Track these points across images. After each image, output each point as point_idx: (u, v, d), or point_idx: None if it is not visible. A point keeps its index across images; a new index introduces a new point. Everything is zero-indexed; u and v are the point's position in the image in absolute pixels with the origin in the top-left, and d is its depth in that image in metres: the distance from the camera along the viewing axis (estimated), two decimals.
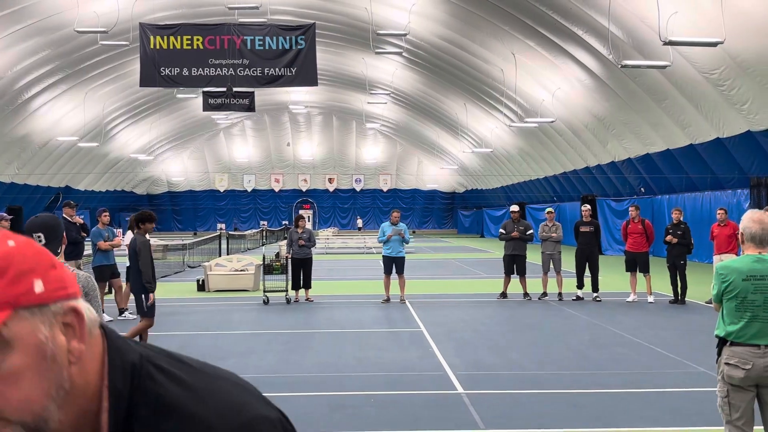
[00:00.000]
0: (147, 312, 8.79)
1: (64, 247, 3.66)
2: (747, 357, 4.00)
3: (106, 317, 12.77)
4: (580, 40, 23.43)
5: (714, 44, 15.94)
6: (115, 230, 13.70)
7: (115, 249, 12.78)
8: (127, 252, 9.22)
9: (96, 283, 3.62)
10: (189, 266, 24.69)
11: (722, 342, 4.14)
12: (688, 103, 21.87)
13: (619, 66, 19.65)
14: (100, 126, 40.12)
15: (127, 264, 13.11)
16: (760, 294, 4.00)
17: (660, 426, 6.14)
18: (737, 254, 13.49)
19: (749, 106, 19.31)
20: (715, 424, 5.87)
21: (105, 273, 12.63)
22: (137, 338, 8.50)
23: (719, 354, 4.16)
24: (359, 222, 62.94)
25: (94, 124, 39.83)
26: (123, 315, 12.74)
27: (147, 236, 9.05)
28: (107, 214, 12.84)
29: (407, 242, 14.91)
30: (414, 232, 58.48)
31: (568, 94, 28.62)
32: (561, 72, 27.37)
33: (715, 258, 13.89)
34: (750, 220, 4.15)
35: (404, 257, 14.84)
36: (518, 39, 26.38)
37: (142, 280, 8.70)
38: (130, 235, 13.41)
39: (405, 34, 23.55)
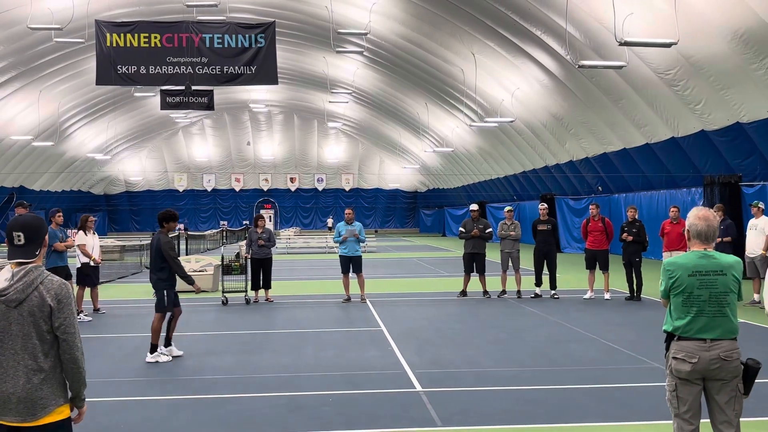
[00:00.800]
0: (166, 307, 9.09)
1: (44, 249, 3.55)
2: (693, 351, 4.08)
3: (85, 318, 12.55)
4: (539, 41, 23.68)
5: (668, 45, 16.24)
6: (68, 231, 13.41)
7: (68, 250, 12.51)
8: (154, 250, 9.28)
9: (71, 290, 3.52)
10: (146, 267, 24.33)
11: (670, 337, 4.22)
12: (644, 103, 22.25)
13: (577, 66, 19.92)
14: (56, 125, 39.36)
15: (78, 265, 13.02)
16: (706, 289, 4.08)
17: (615, 421, 6.23)
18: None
19: (702, 106, 19.73)
20: (667, 418, 5.98)
21: (60, 275, 12.37)
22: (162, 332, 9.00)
23: (667, 349, 4.23)
24: (329, 222, 62.50)
25: (49, 123, 39.05)
26: (79, 317, 12.50)
27: (169, 235, 9.37)
28: (61, 214, 12.58)
29: (363, 241, 14.91)
30: (376, 231, 58.58)
31: (527, 94, 28.91)
32: (520, 72, 27.64)
33: (665, 255, 14.18)
34: (696, 217, 4.23)
35: (361, 256, 14.83)
36: (478, 39, 26.57)
37: (165, 276, 9.06)
38: (81, 235, 13.19)
39: (366, 33, 23.53)
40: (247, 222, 61.44)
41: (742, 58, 16.76)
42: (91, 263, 13.03)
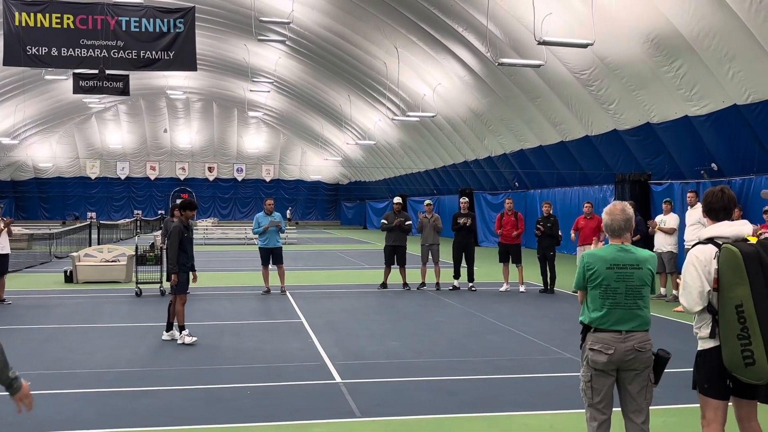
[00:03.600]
0: (185, 289, 9.47)
1: None
2: (610, 342, 4.23)
3: None
4: (460, 37, 24.00)
5: (584, 45, 16.73)
6: None
7: None
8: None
9: None
10: (56, 257, 23.45)
11: (586, 328, 4.36)
12: (560, 101, 22.87)
13: (497, 64, 20.28)
14: None
15: None
16: (623, 282, 4.23)
17: (530, 410, 6.40)
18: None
19: (615, 106, 20.43)
20: (578, 407, 6.18)
21: None
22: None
23: (583, 340, 4.37)
24: (289, 213, 60.26)
25: None
26: None
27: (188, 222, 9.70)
28: None
29: (283, 231, 14.79)
30: (297, 223, 58.13)
31: (448, 89, 29.26)
32: (442, 68, 27.94)
33: (579, 249, 14.65)
34: (605, 212, 4.42)
35: (281, 247, 14.71)
36: (401, 33, 26.70)
37: (183, 260, 9.41)
38: None
39: (288, 23, 23.28)
40: (163, 212, 59.93)
41: (653, 61, 17.44)
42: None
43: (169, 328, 9.69)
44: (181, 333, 9.32)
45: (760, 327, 3.78)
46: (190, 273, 9.71)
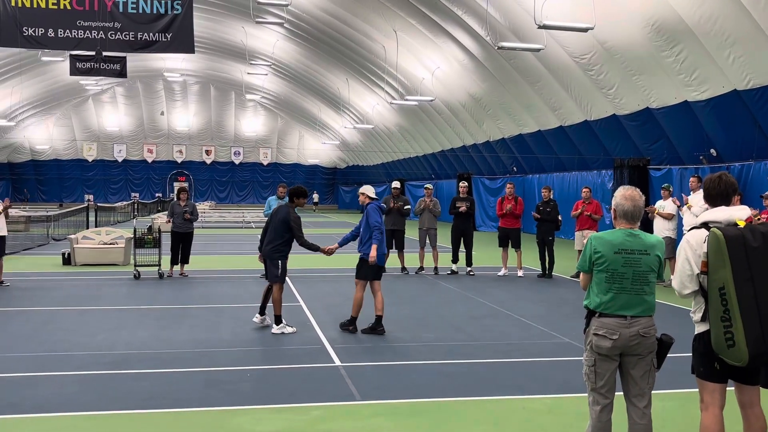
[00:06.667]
0: (279, 278, 9.11)
1: None
2: (614, 327, 4.22)
3: None
4: (460, 21, 23.86)
5: (584, 30, 16.67)
6: None
7: None
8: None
9: None
10: (54, 239, 23.41)
11: (591, 313, 4.34)
12: (559, 86, 22.79)
13: (496, 48, 20.20)
14: None
15: None
16: (629, 267, 4.21)
17: (528, 394, 6.41)
18: (597, 231, 14.29)
19: (615, 91, 20.37)
20: (577, 391, 6.21)
21: None
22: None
23: (587, 325, 4.35)
24: (315, 197, 59.82)
25: None
26: None
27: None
28: None
29: None
30: (315, 207, 58.04)
31: (447, 73, 29.14)
32: (441, 51, 27.81)
33: (577, 234, 14.67)
34: (623, 197, 4.33)
35: None
36: (400, 16, 26.54)
37: (285, 248, 9.17)
38: None
39: (287, 5, 23.11)
40: (160, 194, 59.86)
41: (653, 46, 17.36)
42: None
43: (262, 311, 9.45)
44: (279, 324, 8.99)
45: (740, 309, 3.82)
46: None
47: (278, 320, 9.02)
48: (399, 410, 5.92)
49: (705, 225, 4.14)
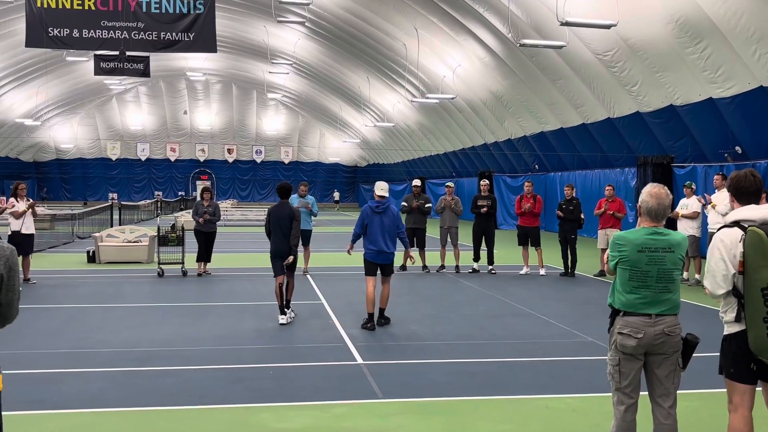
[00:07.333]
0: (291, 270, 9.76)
1: None
2: (639, 326, 4.17)
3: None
4: (481, 18, 23.77)
5: (607, 26, 16.54)
6: None
7: None
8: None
9: (17, 258, 3.43)
10: (79, 237, 23.68)
11: (615, 312, 4.30)
12: (582, 83, 22.63)
13: (518, 45, 20.10)
14: None
15: (9, 233, 12.67)
16: (654, 266, 4.16)
17: (550, 393, 6.38)
18: (620, 229, 14.18)
19: (638, 88, 20.18)
20: (600, 390, 6.17)
21: None
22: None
23: (612, 324, 4.31)
24: (336, 195, 60.70)
25: None
26: None
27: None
28: None
29: (315, 215, 14.89)
30: (337, 206, 58.20)
31: (468, 71, 29.05)
32: (462, 49, 27.73)
33: (600, 233, 14.56)
34: (648, 194, 4.24)
35: (311, 230, 14.92)
36: (421, 14, 26.49)
37: (296, 243, 9.64)
38: (13, 201, 12.86)
39: (308, 4, 23.14)
40: (183, 193, 60.29)
41: (677, 42, 17.18)
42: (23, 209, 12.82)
43: (284, 309, 9.63)
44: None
45: None
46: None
47: (287, 307, 9.65)
48: (421, 409, 5.92)
49: (737, 224, 4.05)
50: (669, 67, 18.39)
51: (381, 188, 9.57)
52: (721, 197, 12.21)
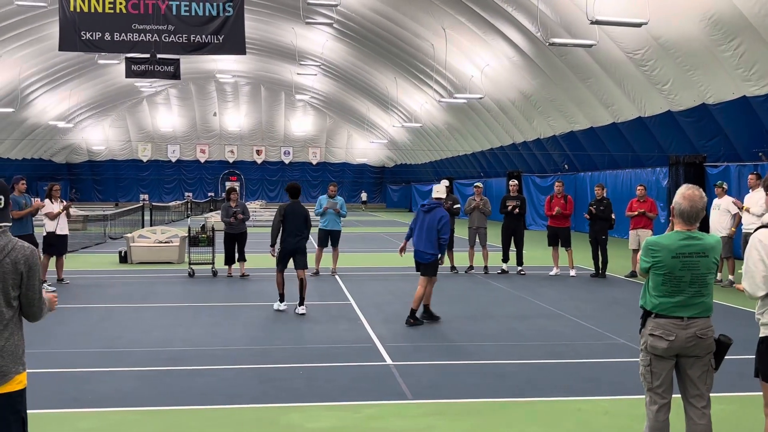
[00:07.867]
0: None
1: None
2: (671, 329, 4.12)
3: (49, 288, 12.34)
4: (510, 17, 23.64)
5: (638, 25, 16.34)
6: (32, 199, 13.26)
7: (33, 218, 12.38)
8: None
9: (38, 258, 3.50)
10: (111, 237, 24.01)
11: (647, 314, 4.25)
12: (612, 82, 22.40)
13: (547, 44, 19.94)
14: (16, 91, 38.33)
15: (44, 234, 12.91)
16: (688, 270, 4.08)
17: (581, 395, 6.33)
18: (652, 230, 14.00)
19: (670, 87, 19.92)
20: (632, 393, 6.10)
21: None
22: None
23: (643, 325, 4.26)
24: (363, 196, 61.33)
25: (10, 89, 38.03)
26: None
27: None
28: (24, 182, 12.37)
29: (343, 215, 14.96)
30: (364, 206, 58.36)
31: (496, 70, 28.91)
32: (490, 48, 27.60)
33: (631, 233, 14.39)
34: (681, 196, 4.16)
35: (340, 230, 14.99)
36: (449, 14, 26.42)
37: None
38: (48, 203, 13.09)
39: (336, 5, 23.23)
40: (213, 194, 60.82)
41: (710, 40, 16.93)
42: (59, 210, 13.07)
43: (301, 302, 10.26)
44: (302, 305, 10.24)
45: None
46: None
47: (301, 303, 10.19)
48: (451, 410, 5.90)
49: None
50: (701, 66, 18.13)
51: (437, 190, 9.80)
52: (756, 197, 11.98)
